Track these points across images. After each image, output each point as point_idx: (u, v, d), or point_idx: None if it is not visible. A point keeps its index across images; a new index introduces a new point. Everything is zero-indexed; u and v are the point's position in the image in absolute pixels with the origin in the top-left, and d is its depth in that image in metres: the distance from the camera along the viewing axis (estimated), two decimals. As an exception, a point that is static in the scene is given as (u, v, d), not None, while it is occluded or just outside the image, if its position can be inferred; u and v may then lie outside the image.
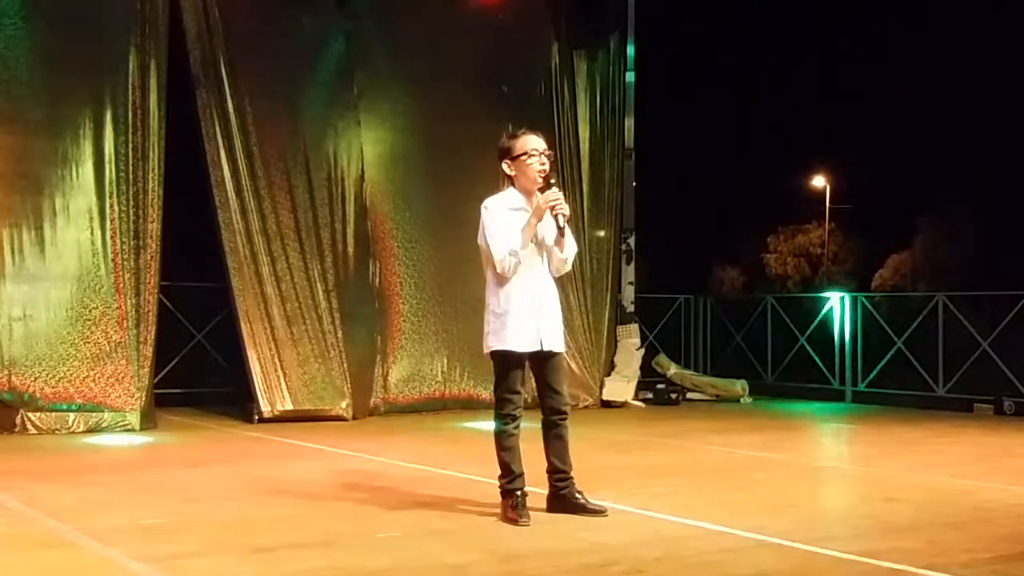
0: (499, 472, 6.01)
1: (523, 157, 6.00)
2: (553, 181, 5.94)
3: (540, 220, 5.92)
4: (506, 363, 5.97)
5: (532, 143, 6.02)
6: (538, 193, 5.94)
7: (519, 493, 5.92)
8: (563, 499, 6.06)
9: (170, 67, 10.93)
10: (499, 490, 6.02)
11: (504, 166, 6.11)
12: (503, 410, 5.99)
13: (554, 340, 6.02)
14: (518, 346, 5.92)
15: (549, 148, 6.11)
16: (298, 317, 11.45)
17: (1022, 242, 30.22)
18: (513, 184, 6.09)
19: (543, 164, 5.97)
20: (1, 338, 10.05)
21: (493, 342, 5.98)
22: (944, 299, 14.25)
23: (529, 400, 6.24)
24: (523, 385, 6.05)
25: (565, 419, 6.07)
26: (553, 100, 13.83)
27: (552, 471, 6.08)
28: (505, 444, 5.98)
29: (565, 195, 6.13)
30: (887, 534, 5.72)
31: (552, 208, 5.87)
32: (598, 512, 6.01)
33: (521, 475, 5.97)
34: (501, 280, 5.97)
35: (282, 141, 11.64)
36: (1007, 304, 13.78)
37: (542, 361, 6.03)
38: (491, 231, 5.95)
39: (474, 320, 12.59)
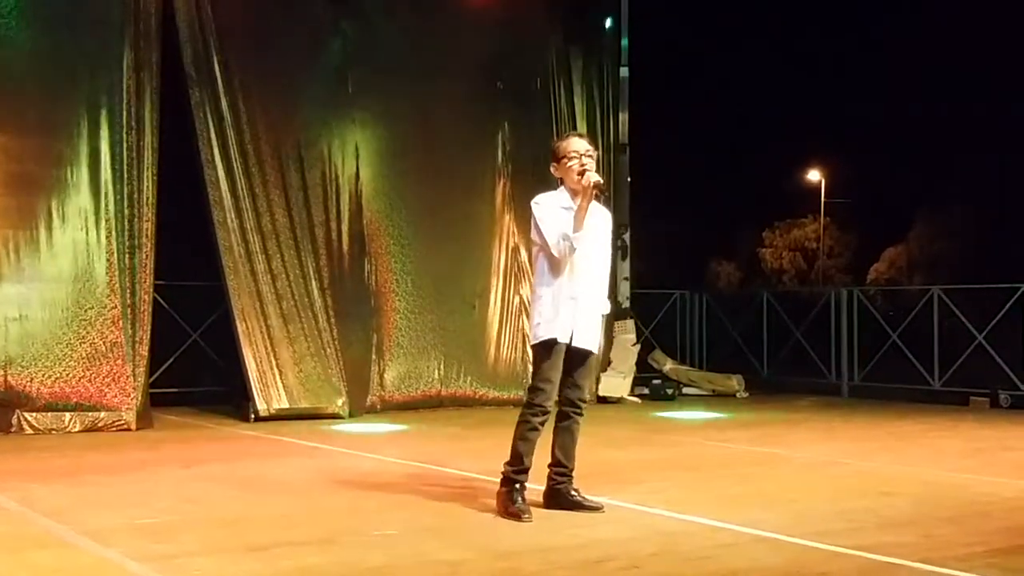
0: (508, 458, 6.03)
1: (564, 160, 6.16)
2: (601, 185, 6.10)
3: (589, 203, 6.05)
4: (546, 352, 6.04)
5: (573, 146, 6.19)
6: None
7: (519, 485, 5.95)
8: (559, 495, 6.08)
9: (164, 65, 10.92)
10: (501, 475, 6.04)
11: (552, 169, 6.30)
12: (533, 399, 6.04)
13: (586, 339, 6.08)
14: (560, 335, 6.00)
15: (594, 148, 6.32)
16: (294, 315, 11.43)
17: (1017, 234, 30.26)
18: (564, 186, 6.22)
19: (582, 165, 6.09)
20: (-3, 339, 10.05)
21: (539, 332, 6.07)
22: (940, 292, 14.27)
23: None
24: (558, 379, 6.07)
25: (579, 413, 6.13)
26: (549, 96, 13.83)
27: (554, 464, 6.10)
28: (525, 434, 6.01)
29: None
30: (883, 528, 5.73)
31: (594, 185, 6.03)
32: (594, 508, 6.02)
33: (527, 470, 6.00)
34: (552, 272, 6.08)
35: (276, 139, 11.63)
36: (1003, 297, 13.79)
37: (578, 357, 6.10)
38: (543, 220, 6.08)
39: (471, 318, 12.79)
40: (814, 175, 44.16)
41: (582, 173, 6.06)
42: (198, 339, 13.02)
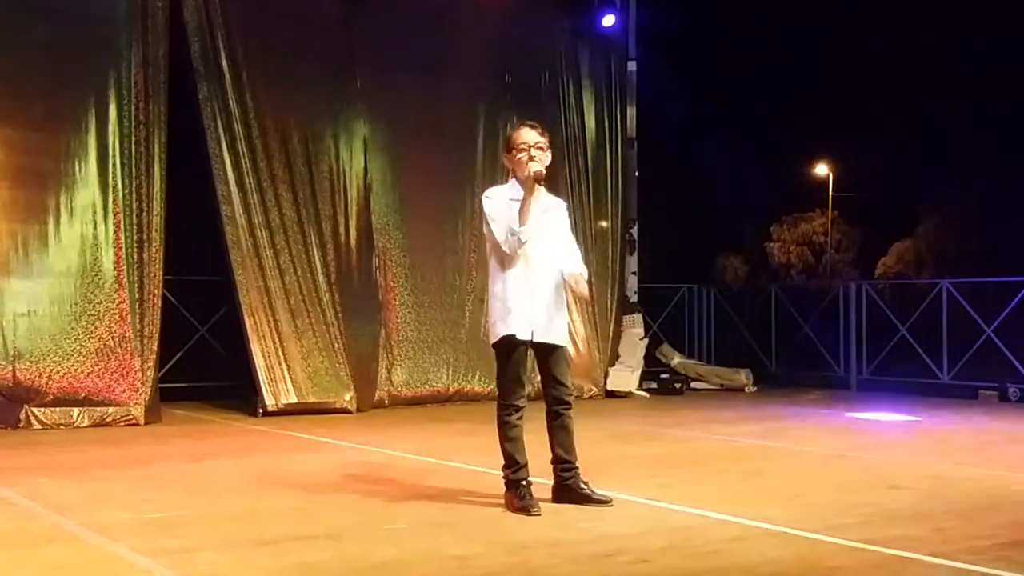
0: (503, 463, 6.02)
1: (514, 151, 6.07)
2: (542, 174, 6.00)
3: (531, 194, 5.95)
4: (507, 350, 5.98)
5: (523, 137, 6.07)
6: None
7: (524, 483, 5.94)
8: (568, 490, 6.06)
9: (172, 60, 10.92)
10: (503, 480, 6.03)
11: (504, 160, 6.24)
12: (506, 400, 6.00)
13: (547, 333, 6.01)
14: (518, 332, 5.94)
15: (550, 137, 6.18)
16: (301, 310, 11.44)
17: (1026, 228, 30.16)
18: (515, 177, 6.12)
19: (531, 157, 5.99)
20: (6, 333, 10.05)
21: (496, 330, 6.02)
22: (948, 286, 14.24)
23: (532, 392, 6.22)
24: (526, 375, 6.06)
25: (569, 409, 6.07)
26: (557, 90, 13.83)
27: (557, 461, 6.08)
28: (509, 434, 5.98)
29: (568, 186, 6.15)
30: (892, 522, 5.71)
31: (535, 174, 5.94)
32: (603, 502, 6.01)
33: (525, 465, 5.98)
34: (504, 267, 6.00)
35: (284, 133, 11.62)
36: (1011, 291, 13.76)
37: (545, 353, 6.05)
38: (492, 216, 6.01)
39: (478, 312, 12.76)
40: (822, 169, 44.08)
41: (539, 173, 5.98)
42: (206, 334, 13.05)
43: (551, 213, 6.14)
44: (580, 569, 4.80)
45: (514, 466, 5.97)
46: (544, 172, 6.02)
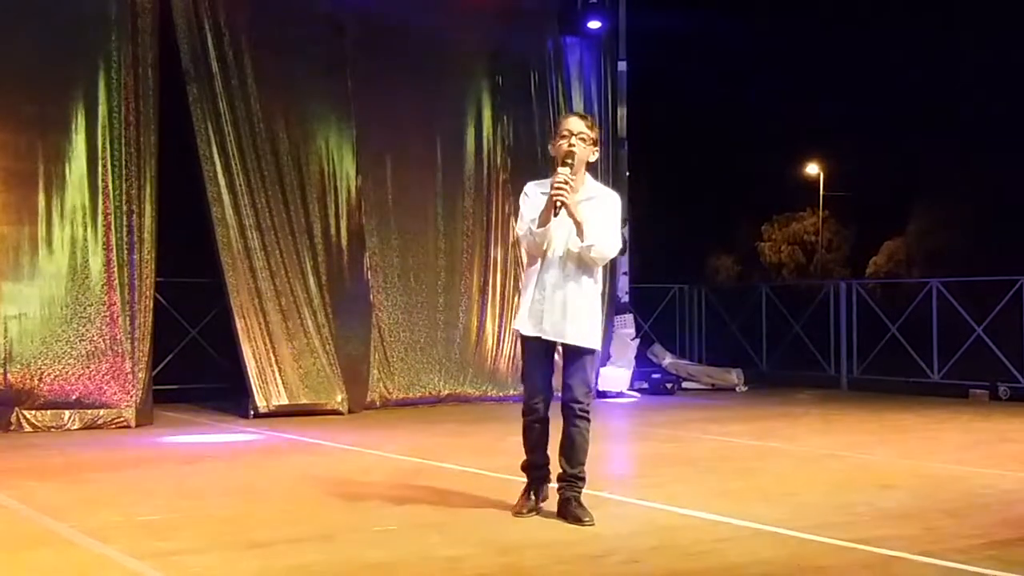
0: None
1: (558, 138, 5.89)
2: (569, 161, 5.71)
3: (552, 202, 5.68)
4: (522, 345, 5.92)
5: (567, 124, 5.90)
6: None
7: (528, 482, 5.89)
8: (560, 502, 5.78)
9: (162, 62, 10.90)
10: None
11: (550, 148, 6.03)
12: (524, 400, 5.87)
13: (561, 333, 5.75)
14: (523, 327, 5.82)
15: (590, 130, 5.89)
16: (293, 311, 11.41)
17: (1016, 227, 30.26)
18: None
19: (571, 145, 5.75)
20: (-4, 336, 10.04)
21: (514, 324, 5.99)
22: (938, 285, 14.28)
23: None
24: (541, 374, 5.85)
25: (575, 414, 5.71)
26: (548, 91, 13.81)
27: (560, 472, 5.82)
28: (526, 434, 5.87)
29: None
30: (883, 521, 5.73)
31: (555, 191, 5.65)
32: (578, 520, 5.60)
33: (532, 466, 5.87)
34: (529, 262, 5.96)
35: (275, 135, 11.60)
36: (1001, 289, 13.80)
37: (566, 354, 5.83)
38: (521, 208, 5.93)
39: (471, 313, 12.77)
40: (812, 168, 44.16)
41: (568, 153, 5.71)
42: (197, 336, 13.02)
43: (592, 202, 5.81)
44: (571, 569, 4.81)
45: (524, 461, 5.91)
46: (574, 152, 5.71)
